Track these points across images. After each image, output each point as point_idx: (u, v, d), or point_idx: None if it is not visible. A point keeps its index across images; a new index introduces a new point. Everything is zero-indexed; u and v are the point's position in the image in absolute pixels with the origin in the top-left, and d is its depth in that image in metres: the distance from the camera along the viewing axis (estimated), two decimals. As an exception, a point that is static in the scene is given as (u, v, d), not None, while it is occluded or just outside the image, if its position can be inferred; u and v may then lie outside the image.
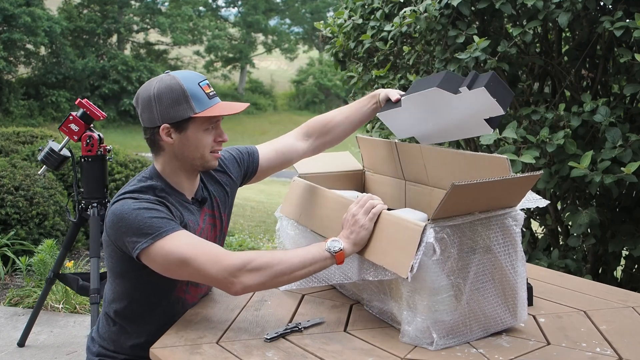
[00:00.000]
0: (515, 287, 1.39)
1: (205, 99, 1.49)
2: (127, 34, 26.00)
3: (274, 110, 28.93)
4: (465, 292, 1.33)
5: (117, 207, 1.44)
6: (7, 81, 20.85)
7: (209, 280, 1.42)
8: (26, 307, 3.57)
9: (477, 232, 1.32)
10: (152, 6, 26.35)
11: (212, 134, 1.54)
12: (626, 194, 2.51)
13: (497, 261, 1.35)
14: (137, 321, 1.58)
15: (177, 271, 1.42)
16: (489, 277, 1.35)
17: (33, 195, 4.23)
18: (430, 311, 1.31)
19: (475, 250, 1.33)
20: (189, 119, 1.48)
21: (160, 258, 1.40)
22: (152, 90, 1.49)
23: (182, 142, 1.51)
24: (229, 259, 1.38)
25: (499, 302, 1.38)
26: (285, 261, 1.39)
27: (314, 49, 32.24)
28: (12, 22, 20.04)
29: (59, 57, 22.18)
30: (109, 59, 23.88)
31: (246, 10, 30.15)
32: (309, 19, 31.62)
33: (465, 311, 1.34)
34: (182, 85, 1.47)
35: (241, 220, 7.11)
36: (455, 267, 1.31)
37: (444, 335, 1.34)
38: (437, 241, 1.27)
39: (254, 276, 1.37)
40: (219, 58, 29.38)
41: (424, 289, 1.30)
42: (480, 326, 1.38)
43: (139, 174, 1.57)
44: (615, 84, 2.54)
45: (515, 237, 1.37)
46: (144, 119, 1.52)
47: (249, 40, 30.08)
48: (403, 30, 2.67)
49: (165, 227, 1.40)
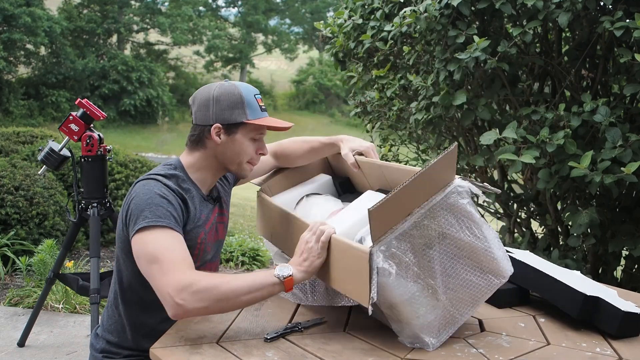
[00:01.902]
0: (489, 251, 1.35)
1: (258, 110, 1.60)
2: (127, 34, 26.00)
3: (274, 110, 28.90)
4: (439, 286, 1.32)
5: (139, 185, 1.52)
6: (7, 81, 20.84)
7: (157, 291, 1.37)
8: (26, 307, 3.57)
9: (425, 227, 1.29)
10: (152, 6, 26.35)
11: (255, 145, 1.62)
12: (626, 194, 2.51)
13: (458, 241, 1.32)
14: (143, 308, 1.60)
15: (143, 267, 1.42)
16: (456, 260, 1.33)
17: (33, 195, 4.23)
18: (413, 318, 1.31)
19: (431, 244, 1.30)
20: (240, 124, 1.57)
21: (139, 245, 1.42)
22: (212, 93, 1.59)
23: (227, 144, 1.59)
24: (180, 274, 1.35)
25: (478, 274, 1.36)
26: (232, 284, 1.35)
27: (314, 49, 32.24)
28: (12, 22, 20.04)
29: (59, 57, 22.17)
30: (109, 59, 23.88)
31: (246, 10, 30.15)
32: (309, 19, 31.62)
33: (447, 302, 1.33)
34: (241, 92, 1.58)
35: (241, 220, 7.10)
36: (419, 270, 1.29)
37: (436, 334, 1.34)
38: (388, 260, 1.25)
39: (196, 298, 1.32)
40: (219, 58, 29.38)
41: (398, 304, 1.30)
42: (468, 305, 1.37)
43: (164, 163, 1.64)
44: (615, 84, 2.54)
45: (466, 207, 1.33)
46: (198, 117, 1.60)
47: (249, 40, 30.08)
48: (403, 30, 2.66)
49: (162, 220, 1.43)
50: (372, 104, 3.43)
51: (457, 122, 2.85)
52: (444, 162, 1.30)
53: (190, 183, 1.60)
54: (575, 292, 1.46)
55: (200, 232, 1.59)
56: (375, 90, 3.31)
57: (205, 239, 1.62)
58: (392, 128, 3.44)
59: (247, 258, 4.68)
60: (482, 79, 2.58)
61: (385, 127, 3.46)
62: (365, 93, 3.48)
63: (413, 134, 3.36)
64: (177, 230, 1.45)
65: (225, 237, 1.78)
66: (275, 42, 31.41)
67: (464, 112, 2.53)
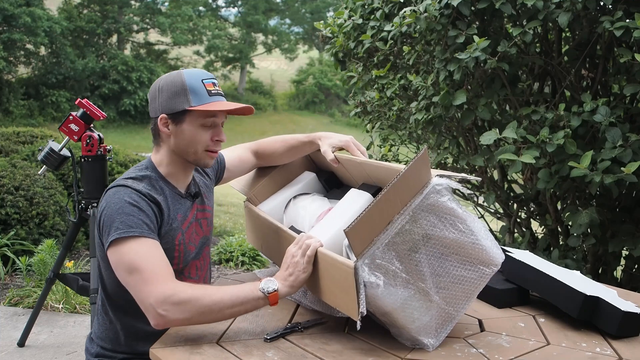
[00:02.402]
0: (477, 243, 1.33)
1: (204, 95, 1.53)
2: (127, 34, 26.01)
3: (274, 110, 28.93)
4: (430, 287, 1.31)
5: (110, 194, 1.49)
6: (7, 81, 20.85)
7: (139, 300, 1.37)
8: (26, 307, 3.57)
9: (408, 232, 1.28)
10: (152, 6, 26.35)
11: (208, 131, 1.56)
12: (626, 194, 2.51)
13: (443, 239, 1.31)
14: (130, 313, 1.57)
15: (122, 277, 1.42)
16: (444, 258, 1.32)
17: (33, 195, 4.23)
18: (409, 323, 1.31)
19: (416, 247, 1.29)
20: (185, 112, 1.53)
21: (116, 256, 1.41)
22: (159, 83, 1.57)
23: (177, 135, 1.55)
24: (163, 285, 1.35)
25: (468, 267, 1.34)
26: (215, 297, 1.34)
27: (314, 49, 32.24)
28: (12, 22, 20.04)
29: (59, 57, 22.18)
30: (109, 59, 23.89)
31: (246, 10, 30.16)
32: (309, 19, 31.63)
33: (441, 302, 1.33)
34: (183, 79, 1.53)
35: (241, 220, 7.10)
36: (407, 276, 1.29)
37: (434, 334, 1.34)
38: (374, 272, 1.24)
39: (178, 309, 1.32)
40: (219, 58, 29.38)
41: (391, 312, 1.30)
42: (463, 300, 1.36)
43: (136, 165, 1.62)
44: (615, 84, 2.54)
45: (447, 205, 1.31)
46: (150, 110, 1.59)
47: (249, 40, 30.08)
48: (403, 30, 2.66)
49: (135, 228, 1.41)
50: (372, 104, 3.42)
51: (457, 122, 2.85)
52: (417, 166, 1.28)
53: (164, 182, 1.57)
54: (575, 292, 1.46)
55: (176, 233, 1.56)
56: (375, 90, 3.31)
57: (184, 239, 1.59)
58: (392, 128, 3.43)
59: (247, 258, 4.67)
60: (482, 79, 2.58)
61: (385, 127, 3.46)
62: (365, 93, 3.48)
63: (413, 134, 3.36)
64: (151, 238, 1.43)
65: (211, 232, 1.76)
66: (275, 42, 31.42)
67: (464, 112, 2.53)
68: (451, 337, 1.39)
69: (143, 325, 1.58)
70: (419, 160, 1.28)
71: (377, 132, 3.63)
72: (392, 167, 1.48)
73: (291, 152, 1.89)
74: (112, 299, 1.60)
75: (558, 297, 1.51)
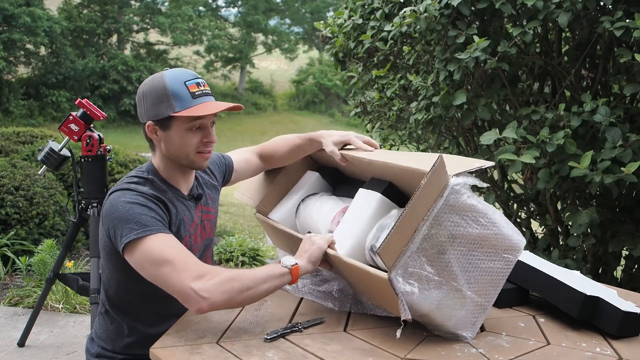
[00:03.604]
0: (500, 233, 1.36)
1: (187, 99, 1.49)
2: (127, 34, 25.99)
3: (274, 110, 28.92)
4: (462, 284, 1.34)
5: (114, 197, 1.47)
6: (7, 81, 20.84)
7: (175, 289, 1.37)
8: (26, 307, 3.57)
9: (434, 236, 1.31)
10: (152, 6, 26.34)
11: (198, 134, 1.53)
12: (626, 194, 2.51)
13: (468, 237, 1.33)
14: (132, 314, 1.59)
15: (149, 272, 1.40)
16: (472, 254, 1.35)
17: (33, 195, 4.23)
18: (446, 321, 1.36)
19: (444, 249, 1.32)
20: (171, 118, 1.50)
21: (139, 255, 1.40)
22: (143, 88, 1.54)
23: (166, 140, 1.54)
24: (198, 269, 1.37)
25: (495, 258, 1.37)
26: (249, 275, 1.39)
27: (314, 49, 32.23)
28: (12, 22, 20.03)
29: (59, 57, 22.17)
30: (109, 59, 23.88)
31: (246, 10, 30.14)
32: (309, 19, 31.61)
33: (474, 295, 1.36)
34: (165, 84, 1.49)
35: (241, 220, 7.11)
36: (439, 278, 1.32)
37: (471, 327, 1.38)
38: (408, 280, 1.29)
39: (220, 290, 1.34)
40: (219, 58, 29.37)
41: (428, 313, 1.34)
42: (493, 289, 1.40)
43: (138, 168, 1.60)
44: (615, 84, 2.54)
45: (467, 202, 1.33)
46: (138, 115, 1.57)
47: (249, 40, 30.07)
48: (403, 30, 2.66)
49: (151, 226, 1.41)
50: (372, 104, 3.42)
51: (457, 122, 2.85)
52: (435, 175, 1.30)
53: (166, 185, 1.57)
54: (576, 292, 1.46)
55: (184, 235, 1.57)
56: (375, 90, 3.31)
57: (191, 241, 1.60)
58: (392, 128, 3.44)
59: (247, 258, 4.68)
60: (482, 79, 2.58)
61: (385, 127, 3.46)
62: (365, 93, 3.48)
63: (413, 134, 3.36)
64: (168, 232, 1.44)
65: (213, 234, 1.76)
66: (275, 42, 31.40)
67: (464, 112, 2.53)
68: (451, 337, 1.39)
69: (144, 327, 1.59)
70: (437, 170, 1.30)
71: (377, 132, 3.62)
72: (402, 167, 1.49)
73: (294, 152, 1.88)
74: (113, 302, 1.61)
75: (558, 297, 1.51)
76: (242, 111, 2.04)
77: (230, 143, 3.46)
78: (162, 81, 1.49)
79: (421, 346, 1.35)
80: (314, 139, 1.81)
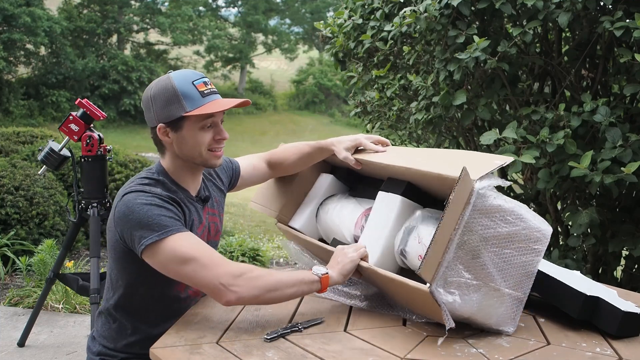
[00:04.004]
0: (527, 227, 1.39)
1: (197, 98, 1.50)
2: (127, 34, 25.98)
3: (274, 110, 28.91)
4: (499, 283, 1.38)
5: (130, 199, 1.46)
6: (7, 81, 20.83)
7: (203, 284, 1.41)
8: (26, 307, 3.57)
9: (466, 242, 1.34)
10: (152, 6, 26.33)
11: (209, 132, 1.55)
12: (626, 194, 2.51)
13: (499, 236, 1.36)
14: (137, 315, 1.59)
15: (175, 270, 1.42)
16: (504, 251, 1.38)
17: (33, 195, 4.23)
18: (487, 319, 1.40)
19: (478, 253, 1.34)
20: (182, 118, 1.51)
21: (162, 255, 1.41)
22: (150, 92, 1.54)
23: (179, 141, 1.54)
24: (229, 265, 1.41)
25: (526, 251, 1.40)
26: (277, 276, 1.43)
27: (314, 49, 32.22)
28: (12, 22, 20.02)
29: (59, 57, 22.15)
30: (109, 59, 23.86)
31: (246, 10, 30.14)
32: (309, 19, 31.61)
33: (511, 291, 1.40)
34: (174, 85, 1.50)
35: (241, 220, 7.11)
36: (477, 282, 1.36)
37: (512, 320, 1.43)
38: (449, 290, 1.33)
39: (250, 285, 1.39)
40: (219, 58, 29.36)
41: (470, 316, 1.38)
42: (527, 280, 1.43)
43: (147, 169, 1.60)
44: (615, 84, 2.54)
45: (494, 203, 1.35)
46: (147, 120, 1.57)
47: (249, 40, 30.06)
48: (403, 30, 2.66)
49: (172, 226, 1.42)
50: (372, 104, 3.42)
51: (457, 122, 2.85)
52: (460, 187, 1.32)
53: (176, 186, 1.57)
54: (576, 292, 1.46)
55: None
56: (375, 90, 3.31)
57: None
58: (392, 128, 3.44)
59: (247, 258, 4.67)
60: (482, 79, 2.58)
61: (385, 127, 3.46)
62: (365, 93, 3.48)
63: (413, 134, 3.36)
64: (187, 231, 1.46)
65: (219, 237, 1.76)
66: (275, 42, 31.39)
67: (464, 112, 2.53)
68: (451, 337, 1.39)
69: (147, 327, 1.59)
70: (462, 182, 1.32)
71: (377, 132, 3.62)
72: (420, 172, 1.51)
73: (303, 160, 1.89)
74: (118, 302, 1.60)
75: (558, 297, 1.51)
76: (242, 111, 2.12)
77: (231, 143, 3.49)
78: (170, 83, 1.50)
79: (421, 346, 1.35)
80: (325, 147, 1.83)
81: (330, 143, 1.81)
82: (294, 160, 1.89)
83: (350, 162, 1.76)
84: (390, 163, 1.63)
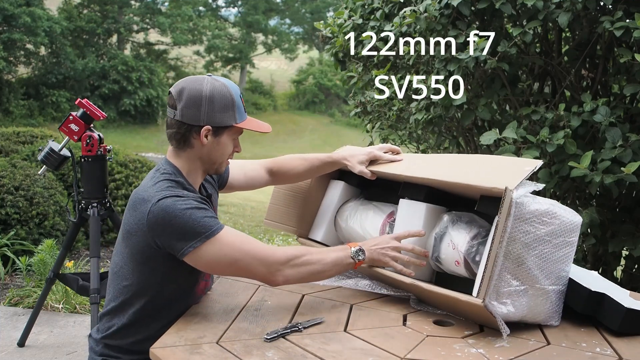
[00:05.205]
0: (561, 222, 1.42)
1: (242, 112, 1.59)
2: (127, 34, 25.99)
3: (274, 110, 28.91)
4: (543, 283, 1.42)
5: (168, 204, 1.45)
6: (7, 81, 20.84)
7: (253, 276, 1.52)
8: (26, 307, 3.57)
9: (511, 252, 1.38)
10: (152, 6, 26.33)
11: (233, 144, 1.63)
12: (626, 194, 2.51)
13: (538, 239, 1.40)
14: (157, 315, 1.58)
15: (223, 269, 1.52)
16: (544, 251, 1.41)
17: (33, 195, 4.23)
18: (536, 316, 1.45)
19: (522, 260, 1.38)
20: (228, 127, 1.57)
21: (209, 257, 1.47)
22: (205, 91, 1.53)
23: (213, 146, 1.58)
24: (274, 255, 1.50)
25: (561, 245, 1.44)
26: (321, 261, 1.54)
27: (314, 49, 32.23)
28: (12, 22, 20.03)
29: (59, 57, 22.16)
30: (109, 59, 23.86)
31: (246, 10, 30.15)
32: (309, 19, 31.62)
33: (553, 287, 1.44)
34: (232, 93, 1.56)
35: (241, 220, 7.11)
36: (525, 286, 1.40)
37: (557, 313, 1.48)
38: (502, 301, 1.37)
39: (296, 271, 1.52)
40: (219, 58, 29.38)
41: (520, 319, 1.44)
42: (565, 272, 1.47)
43: (160, 171, 1.58)
44: (615, 84, 2.54)
45: (531, 209, 1.38)
46: (185, 115, 1.53)
47: (249, 40, 30.08)
48: (403, 30, 2.66)
49: (214, 226, 1.47)
50: (372, 104, 3.42)
51: (457, 122, 2.85)
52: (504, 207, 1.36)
53: (189, 186, 1.59)
54: (581, 287, 1.47)
55: None
56: (375, 90, 3.31)
57: None
58: (392, 128, 3.44)
59: (247, 258, 4.66)
60: (482, 79, 2.57)
61: (385, 127, 3.46)
62: (365, 93, 3.48)
63: (413, 134, 3.36)
64: (226, 225, 1.51)
65: None
66: (275, 42, 31.40)
67: (464, 112, 2.53)
68: (451, 337, 1.39)
69: (156, 327, 1.56)
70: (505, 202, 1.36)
71: (377, 132, 3.63)
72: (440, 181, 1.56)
73: (311, 172, 1.92)
74: (128, 302, 1.58)
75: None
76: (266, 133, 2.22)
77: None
78: (228, 91, 1.55)
79: (421, 346, 1.35)
80: (337, 161, 1.87)
81: (343, 157, 1.85)
82: (300, 171, 1.92)
83: (366, 176, 1.81)
84: (409, 175, 1.67)
